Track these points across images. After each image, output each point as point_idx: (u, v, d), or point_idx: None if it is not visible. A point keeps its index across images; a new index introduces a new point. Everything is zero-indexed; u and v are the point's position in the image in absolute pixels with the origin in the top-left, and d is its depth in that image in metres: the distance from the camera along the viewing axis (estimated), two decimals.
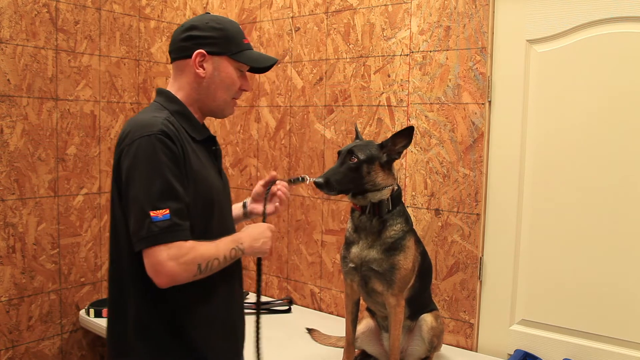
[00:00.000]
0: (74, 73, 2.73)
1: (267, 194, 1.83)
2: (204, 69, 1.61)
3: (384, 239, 1.96)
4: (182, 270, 1.44)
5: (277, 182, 1.86)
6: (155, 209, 1.42)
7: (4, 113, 2.48)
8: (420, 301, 2.10)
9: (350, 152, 1.95)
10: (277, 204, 1.87)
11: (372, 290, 2.00)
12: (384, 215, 1.97)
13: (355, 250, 2.01)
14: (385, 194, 1.98)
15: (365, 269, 1.98)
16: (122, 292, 1.59)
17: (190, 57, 1.60)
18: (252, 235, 1.66)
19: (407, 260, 1.96)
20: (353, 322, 2.11)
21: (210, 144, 1.70)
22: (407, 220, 2.03)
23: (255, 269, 1.93)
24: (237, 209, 1.90)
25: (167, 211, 1.43)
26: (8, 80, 2.48)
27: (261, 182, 1.90)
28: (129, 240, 1.49)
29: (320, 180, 1.90)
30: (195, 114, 1.66)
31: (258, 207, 1.89)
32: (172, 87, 1.66)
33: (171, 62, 1.68)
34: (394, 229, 1.97)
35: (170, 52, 1.67)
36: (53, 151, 2.67)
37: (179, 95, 1.64)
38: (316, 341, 2.41)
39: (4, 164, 2.49)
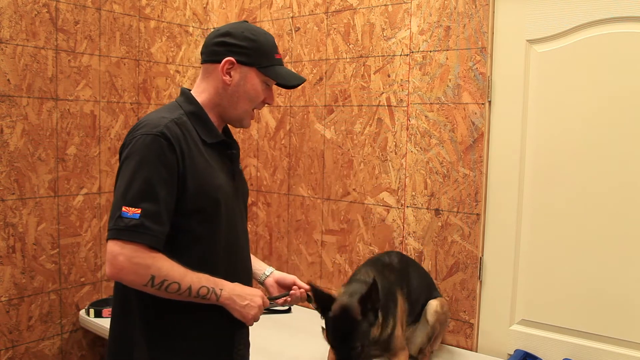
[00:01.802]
0: (74, 73, 2.73)
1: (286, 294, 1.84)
2: (230, 77, 1.61)
3: (381, 340, 1.96)
4: (131, 270, 1.44)
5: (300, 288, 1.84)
6: (128, 206, 1.44)
7: (4, 113, 2.48)
8: (417, 308, 2.14)
9: (347, 346, 1.81)
10: (288, 298, 1.84)
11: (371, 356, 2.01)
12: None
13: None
14: (378, 331, 1.91)
15: None
16: (126, 293, 1.58)
17: (219, 62, 1.61)
18: (238, 291, 1.60)
19: (397, 329, 1.98)
20: None
21: (224, 147, 1.69)
22: (391, 308, 1.99)
23: None
24: (259, 267, 1.88)
25: (139, 211, 1.44)
26: (8, 80, 2.48)
27: (294, 282, 1.87)
28: None
29: None
30: (212, 117, 1.66)
31: (273, 288, 1.86)
32: (197, 88, 1.67)
33: (201, 63, 1.69)
34: (388, 330, 1.96)
35: (202, 54, 1.69)
36: (53, 151, 2.67)
37: (202, 97, 1.65)
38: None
39: (4, 164, 2.49)
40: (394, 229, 2.59)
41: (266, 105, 1.75)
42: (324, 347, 1.99)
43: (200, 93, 1.66)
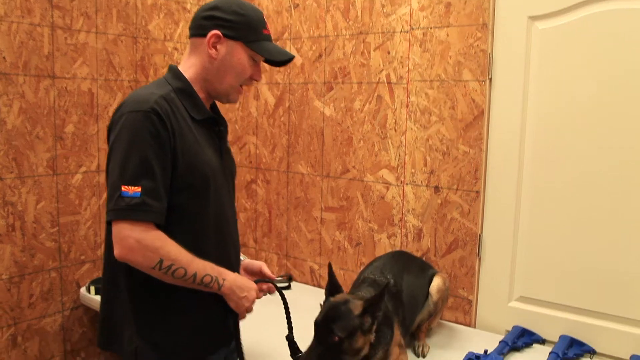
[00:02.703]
0: (71, 50, 2.70)
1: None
2: (216, 51, 1.60)
3: None
4: (140, 252, 1.44)
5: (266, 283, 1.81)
6: (128, 185, 1.43)
7: (1, 91, 2.46)
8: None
9: (328, 328, 1.69)
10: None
11: None
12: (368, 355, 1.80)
13: None
14: (365, 350, 1.76)
15: None
16: (115, 272, 1.59)
17: (205, 35, 1.59)
18: (239, 283, 1.62)
19: (395, 354, 1.88)
20: None
21: (212, 124, 1.68)
22: (387, 337, 1.85)
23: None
24: None
25: (139, 189, 1.43)
26: (4, 57, 2.46)
27: (260, 268, 1.86)
28: None
29: None
30: (200, 93, 1.65)
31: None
32: (184, 64, 1.66)
33: (189, 38, 1.67)
34: (379, 357, 1.82)
35: (189, 29, 1.67)
36: (51, 129, 2.66)
37: (189, 73, 1.63)
38: None
39: (1, 142, 2.48)
40: (394, 206, 2.60)
41: (254, 82, 1.73)
42: None
43: (188, 68, 1.64)
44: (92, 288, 2.73)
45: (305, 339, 1.74)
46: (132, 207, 1.42)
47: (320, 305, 1.85)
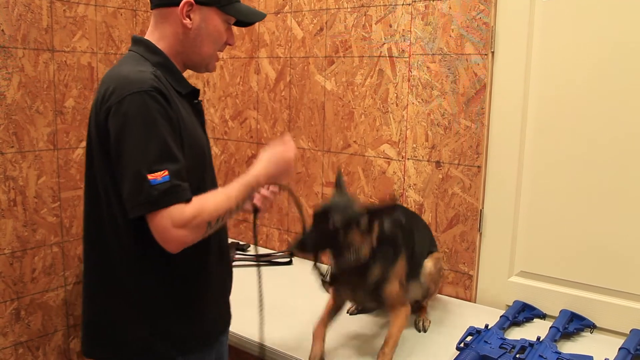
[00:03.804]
0: (70, 24, 2.68)
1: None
2: (190, 20, 1.51)
3: (369, 282, 1.85)
4: (190, 233, 1.37)
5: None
6: (153, 172, 1.33)
7: (0, 65, 2.45)
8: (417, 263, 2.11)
9: (326, 216, 1.73)
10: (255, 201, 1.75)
11: (367, 306, 1.98)
12: (369, 262, 1.83)
13: (338, 287, 1.94)
14: (364, 252, 1.79)
15: (357, 299, 1.95)
16: (113, 269, 1.52)
17: (177, 4, 1.49)
18: (270, 166, 1.58)
19: (394, 285, 1.87)
20: (329, 321, 1.99)
21: (192, 97, 1.62)
22: (388, 257, 1.87)
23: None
24: None
25: (166, 172, 1.34)
26: (2, 30, 2.44)
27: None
28: (119, 204, 1.41)
29: (295, 250, 1.76)
30: (177, 66, 1.57)
31: None
32: (151, 36, 1.55)
33: (151, 9, 1.56)
34: (375, 274, 1.84)
35: None
36: (51, 104, 2.65)
37: (160, 45, 1.54)
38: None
39: (1, 116, 2.47)
40: (395, 181, 2.59)
41: (228, 45, 1.66)
42: (324, 299, 2.01)
43: (158, 41, 1.54)
44: None
45: (308, 309, 1.74)
46: (164, 192, 1.33)
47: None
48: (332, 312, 2.00)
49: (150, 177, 1.32)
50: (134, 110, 1.36)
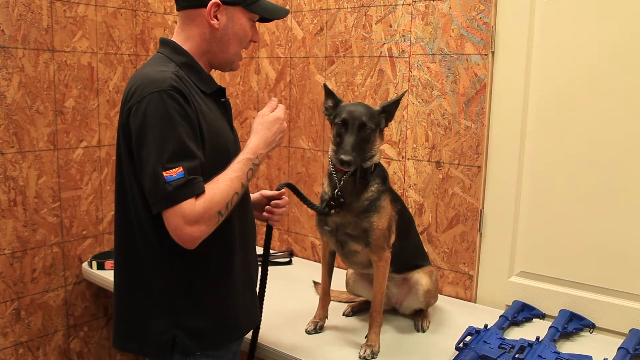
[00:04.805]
0: (70, 24, 2.68)
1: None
2: (217, 20, 1.54)
3: (362, 201, 1.92)
4: (203, 227, 1.41)
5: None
6: (168, 169, 1.37)
7: (0, 65, 2.45)
8: (404, 257, 2.10)
9: (362, 123, 1.85)
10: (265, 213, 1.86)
11: (350, 252, 2.00)
12: (368, 177, 1.93)
13: (331, 217, 1.97)
14: (377, 158, 1.95)
15: (341, 233, 1.96)
16: (141, 268, 1.56)
17: (204, 6, 1.52)
18: (266, 139, 1.62)
19: (381, 220, 1.93)
20: (329, 272, 2.14)
21: (219, 96, 1.65)
22: (385, 180, 1.99)
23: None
24: None
25: (181, 169, 1.38)
26: (2, 30, 2.44)
27: (264, 193, 1.91)
28: (143, 200, 1.46)
29: (349, 158, 1.80)
30: (202, 65, 1.60)
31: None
32: (178, 37, 1.59)
33: (178, 10, 1.60)
34: (372, 189, 1.93)
35: (178, 1, 1.59)
36: (51, 104, 2.65)
37: (187, 46, 1.57)
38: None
39: (1, 117, 2.47)
40: (395, 181, 2.59)
41: (253, 42, 1.69)
42: None
43: (185, 42, 1.58)
44: (94, 263, 2.74)
45: (305, 310, 1.75)
46: (179, 187, 1.37)
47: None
48: (329, 262, 2.14)
49: (165, 174, 1.37)
50: (153, 109, 1.40)
